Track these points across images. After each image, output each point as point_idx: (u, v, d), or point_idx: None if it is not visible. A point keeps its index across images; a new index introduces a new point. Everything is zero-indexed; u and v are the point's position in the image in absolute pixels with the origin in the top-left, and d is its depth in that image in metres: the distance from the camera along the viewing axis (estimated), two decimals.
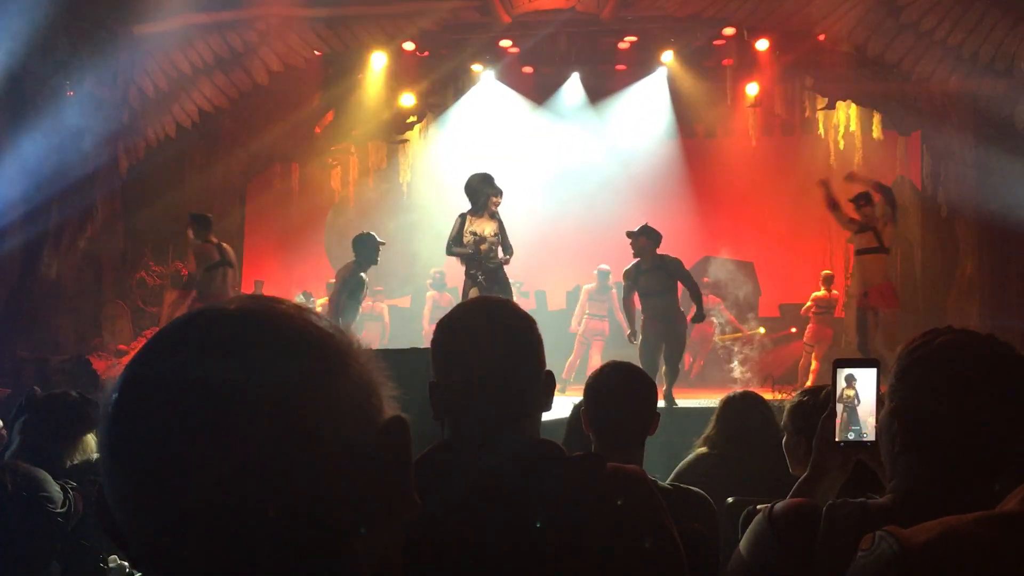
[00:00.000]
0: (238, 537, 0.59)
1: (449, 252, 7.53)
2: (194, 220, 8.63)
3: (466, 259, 7.40)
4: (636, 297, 7.75)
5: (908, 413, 1.38)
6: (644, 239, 7.54)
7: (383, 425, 0.66)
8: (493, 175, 7.55)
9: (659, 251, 7.60)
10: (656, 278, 7.53)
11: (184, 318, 0.67)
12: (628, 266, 7.66)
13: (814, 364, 10.24)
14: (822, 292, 10.75)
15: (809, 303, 10.78)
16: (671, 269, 7.56)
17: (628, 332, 7.84)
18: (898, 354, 1.44)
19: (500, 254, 7.44)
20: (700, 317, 7.78)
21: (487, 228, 7.37)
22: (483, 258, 7.33)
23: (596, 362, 8.76)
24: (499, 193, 7.43)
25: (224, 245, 8.69)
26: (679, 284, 7.60)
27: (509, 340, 1.46)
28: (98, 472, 0.64)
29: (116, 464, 0.62)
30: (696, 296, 7.65)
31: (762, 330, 11.43)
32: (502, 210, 7.55)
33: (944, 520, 1.04)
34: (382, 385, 0.68)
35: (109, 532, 0.64)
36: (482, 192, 7.40)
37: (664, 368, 7.59)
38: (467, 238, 7.37)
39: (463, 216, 7.46)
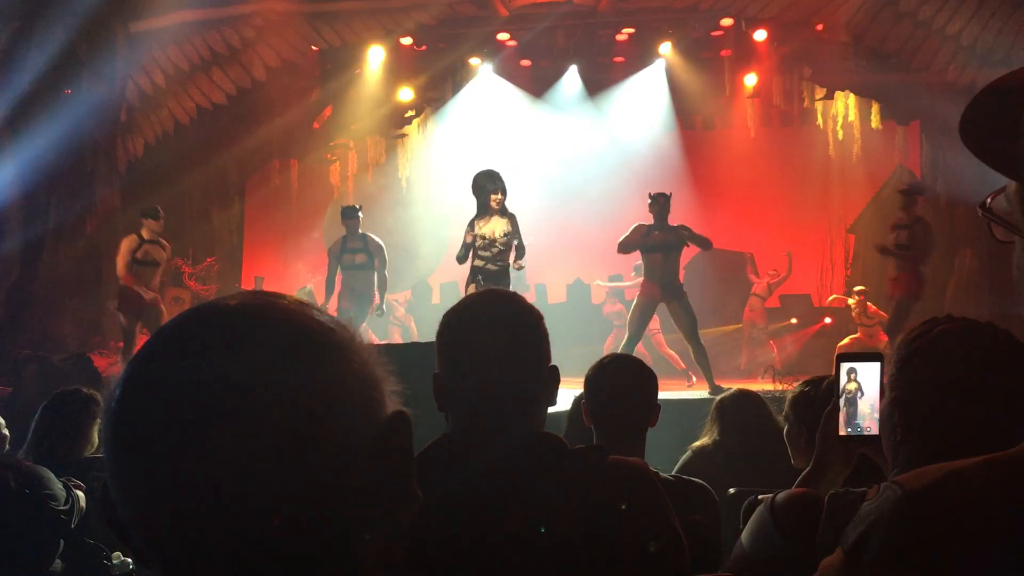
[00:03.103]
0: (241, 532, 0.59)
1: (459, 262, 7.34)
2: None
3: (470, 261, 7.26)
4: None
5: (908, 403, 1.38)
6: (661, 204, 7.71)
7: (385, 420, 0.66)
8: (498, 171, 7.29)
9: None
10: (665, 238, 7.61)
11: (186, 314, 0.67)
12: (642, 223, 7.76)
13: None
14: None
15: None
16: (681, 232, 7.70)
17: None
18: (897, 344, 1.44)
19: (512, 258, 7.23)
20: (707, 245, 7.84)
21: (496, 229, 7.12)
22: (490, 261, 7.18)
23: None
24: (497, 191, 7.14)
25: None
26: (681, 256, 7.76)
27: (515, 333, 1.46)
28: (102, 468, 0.64)
29: (119, 461, 0.62)
30: (705, 244, 7.75)
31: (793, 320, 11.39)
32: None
33: (947, 464, 1.04)
34: (384, 380, 0.68)
35: (114, 528, 0.64)
36: (484, 190, 7.22)
37: (692, 353, 7.64)
38: (478, 242, 7.15)
39: (471, 223, 7.23)
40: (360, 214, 8.50)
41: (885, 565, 1.03)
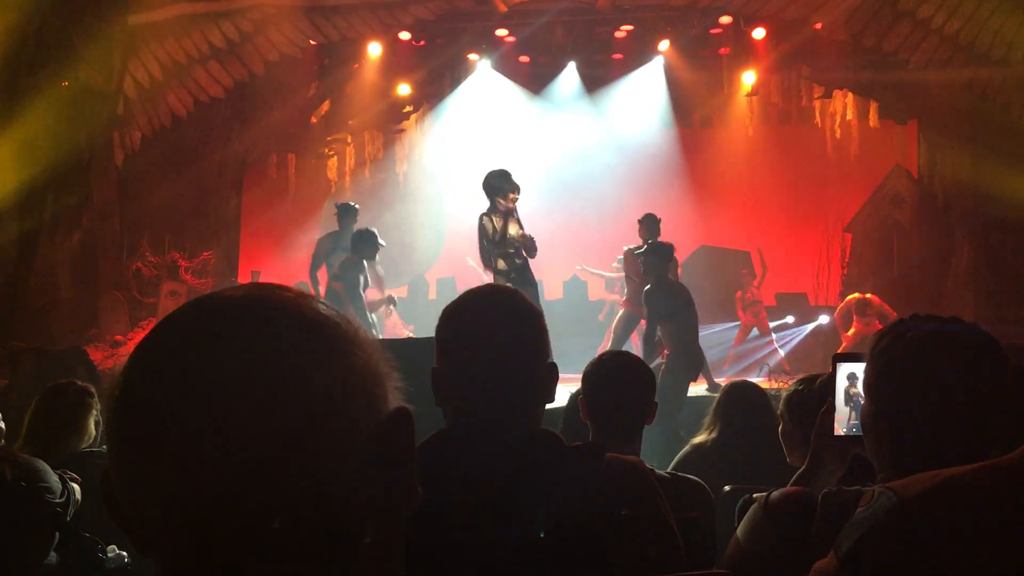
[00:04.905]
0: (242, 524, 0.60)
1: (490, 259, 7.11)
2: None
3: (500, 258, 7.17)
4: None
5: (891, 410, 1.38)
6: (644, 227, 7.92)
7: (388, 415, 0.66)
8: (510, 171, 7.19)
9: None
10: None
11: (189, 305, 0.67)
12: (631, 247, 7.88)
13: None
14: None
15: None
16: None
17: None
18: (871, 350, 1.44)
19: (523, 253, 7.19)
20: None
21: (512, 228, 7.07)
22: (516, 256, 7.09)
23: None
24: (516, 189, 7.06)
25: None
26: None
27: (514, 330, 1.46)
28: (100, 460, 0.65)
29: (121, 452, 0.62)
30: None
31: (790, 319, 11.36)
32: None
33: (941, 471, 1.04)
34: (387, 375, 0.68)
35: (115, 518, 0.64)
36: (501, 189, 7.16)
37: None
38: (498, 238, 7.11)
39: (489, 217, 7.09)
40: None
41: (881, 573, 1.04)
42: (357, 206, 8.75)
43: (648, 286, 6.88)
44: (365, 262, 7.94)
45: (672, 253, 7.07)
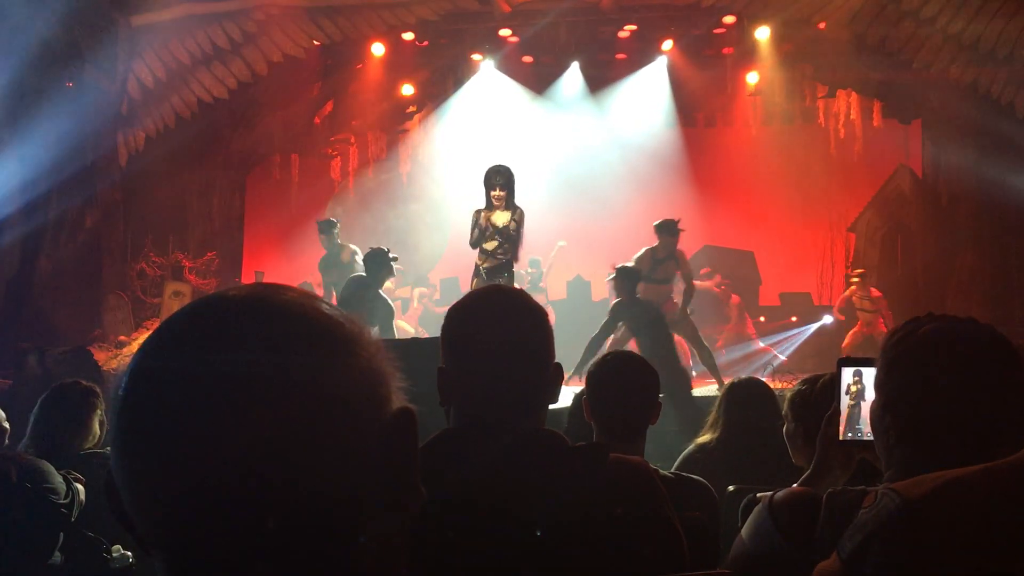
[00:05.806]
0: (244, 523, 0.60)
1: (473, 247, 7.36)
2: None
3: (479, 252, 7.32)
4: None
5: (898, 406, 1.38)
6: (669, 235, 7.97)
7: (391, 415, 0.67)
8: (504, 166, 7.31)
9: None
10: (668, 268, 7.85)
11: (193, 305, 0.67)
12: (641, 253, 7.84)
13: None
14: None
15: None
16: (679, 260, 7.98)
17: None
18: (883, 346, 1.44)
19: (514, 251, 7.30)
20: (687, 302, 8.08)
21: (498, 222, 7.19)
22: (489, 255, 7.21)
23: None
24: (494, 187, 7.17)
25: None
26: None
27: (519, 329, 1.46)
28: (104, 460, 0.65)
29: (126, 450, 0.62)
30: (689, 289, 8.03)
31: (794, 319, 11.30)
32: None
33: (946, 472, 1.04)
34: (391, 375, 0.68)
35: (117, 516, 0.65)
36: (487, 184, 7.28)
37: (697, 356, 7.82)
38: (476, 234, 7.25)
39: (477, 212, 7.30)
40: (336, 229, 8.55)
41: (884, 574, 1.03)
42: (337, 220, 8.69)
43: (618, 300, 7.09)
44: (374, 287, 7.09)
45: (639, 276, 7.23)
